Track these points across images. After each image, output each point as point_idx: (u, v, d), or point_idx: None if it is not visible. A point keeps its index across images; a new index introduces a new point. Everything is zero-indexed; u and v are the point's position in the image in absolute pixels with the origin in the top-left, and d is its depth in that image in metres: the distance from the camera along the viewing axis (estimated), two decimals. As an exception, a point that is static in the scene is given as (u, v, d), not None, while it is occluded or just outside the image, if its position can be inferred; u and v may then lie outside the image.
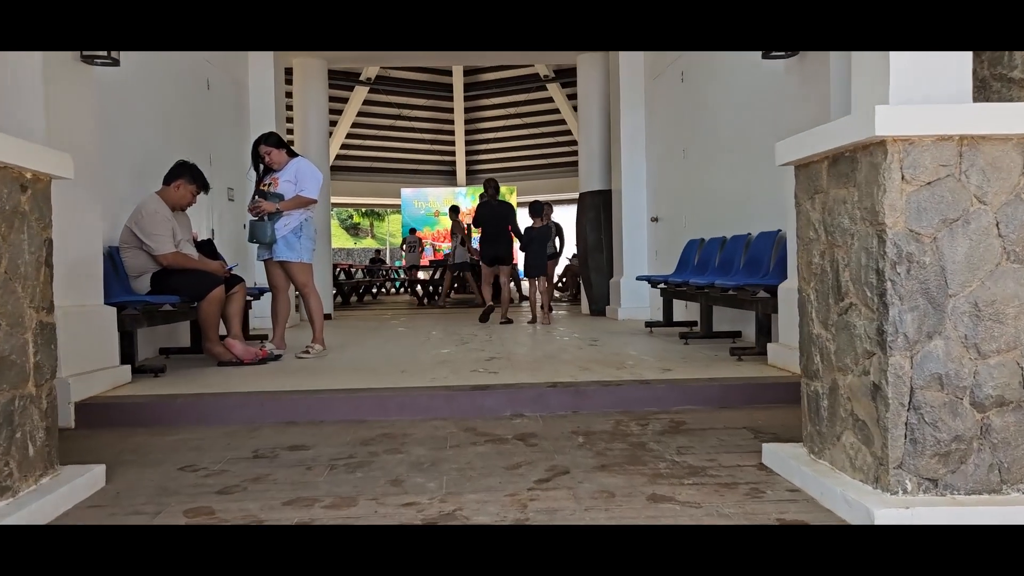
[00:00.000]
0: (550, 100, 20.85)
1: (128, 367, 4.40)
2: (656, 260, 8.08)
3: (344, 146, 21.92)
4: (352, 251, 38.29)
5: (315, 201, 5.51)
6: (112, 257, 4.90)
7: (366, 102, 21.05)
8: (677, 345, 5.66)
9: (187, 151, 6.52)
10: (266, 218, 5.34)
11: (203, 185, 5.17)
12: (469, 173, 23.54)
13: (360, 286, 14.59)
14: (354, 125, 21.47)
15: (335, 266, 13.73)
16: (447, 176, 23.61)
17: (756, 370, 4.33)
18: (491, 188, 8.45)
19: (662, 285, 6.45)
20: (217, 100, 7.30)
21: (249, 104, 8.27)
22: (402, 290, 21.19)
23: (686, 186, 7.14)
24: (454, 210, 14.15)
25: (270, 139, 5.57)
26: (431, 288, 13.67)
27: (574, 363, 4.80)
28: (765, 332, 4.64)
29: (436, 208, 23.20)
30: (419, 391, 3.95)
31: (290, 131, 10.19)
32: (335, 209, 37.93)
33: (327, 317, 9.42)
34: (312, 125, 9.70)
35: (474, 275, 12.86)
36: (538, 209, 8.37)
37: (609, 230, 8.94)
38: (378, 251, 21.71)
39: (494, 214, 8.29)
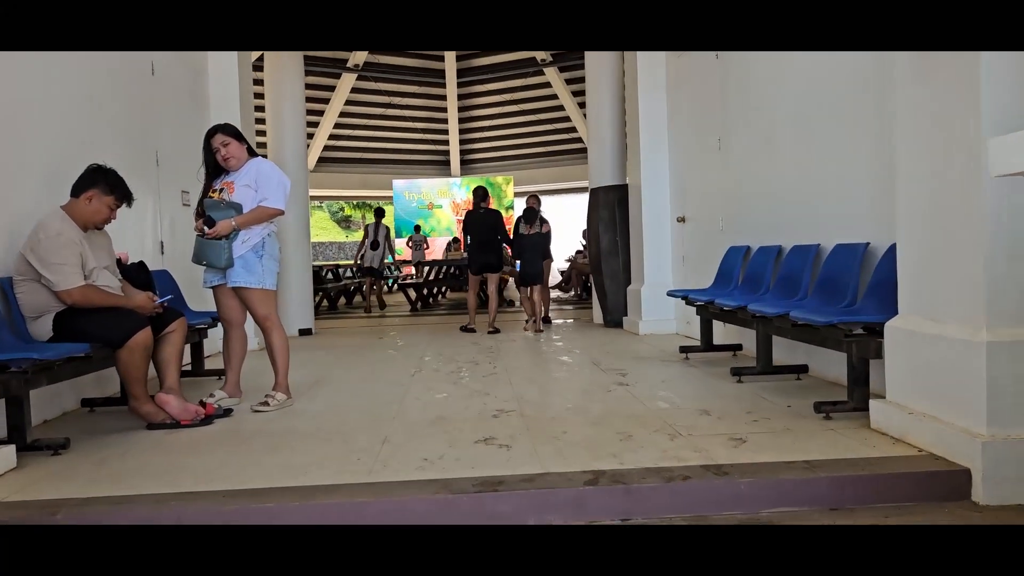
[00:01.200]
0: (548, 85, 19.60)
1: (13, 447, 3.23)
2: (684, 267, 6.91)
3: (332, 136, 20.69)
4: (344, 244, 37.04)
5: (280, 213, 4.29)
6: (5, 292, 3.72)
7: (354, 90, 19.79)
8: (728, 383, 4.50)
9: (123, 150, 5.31)
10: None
11: (123, 196, 3.97)
12: (464, 163, 22.32)
13: (349, 287, 13.38)
14: (342, 114, 20.22)
15: (321, 268, 12.53)
16: (441, 166, 22.38)
17: (860, 440, 3.17)
18: (478, 196, 8.19)
19: (701, 304, 5.27)
20: (165, 88, 6.07)
21: (208, 93, 7.05)
22: (395, 286, 20.01)
23: (723, 182, 5.96)
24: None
25: (227, 129, 4.37)
26: (425, 291, 12.47)
27: (608, 421, 3.63)
28: (862, 382, 3.48)
29: (430, 200, 21.99)
30: (406, 489, 2.79)
31: (261, 123, 8.97)
32: (325, 202, 36.74)
33: (306, 332, 8.25)
34: (287, 119, 8.47)
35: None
36: (532, 216, 8.14)
37: (626, 231, 7.76)
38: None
39: (482, 222, 8.10)
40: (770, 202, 5.18)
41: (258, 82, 9.13)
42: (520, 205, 24.87)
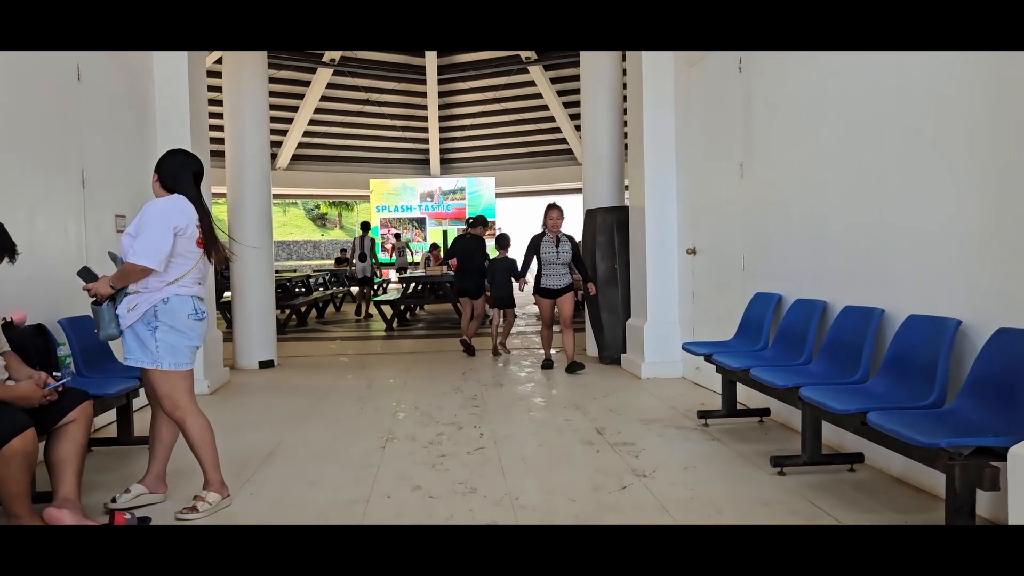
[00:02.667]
0: (532, 84, 18.66)
1: None
2: (693, 305, 6.04)
3: (307, 133, 19.64)
4: (319, 243, 35.82)
5: (145, 272, 3.17)
6: None
7: (330, 85, 18.75)
8: (766, 475, 3.64)
9: (36, 171, 4.36)
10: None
11: (3, 248, 3.03)
12: (444, 162, 21.35)
13: (319, 303, 12.39)
14: (318, 111, 19.17)
15: (289, 282, 11.55)
16: (420, 165, 21.39)
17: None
18: (469, 223, 8.63)
19: (729, 368, 4.36)
20: (94, 95, 5.06)
21: (154, 99, 6.06)
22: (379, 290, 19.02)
23: (746, 215, 5.10)
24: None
25: (160, 161, 3.43)
26: (403, 308, 11.51)
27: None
28: (967, 512, 2.64)
29: (408, 201, 20.99)
30: None
31: (219, 129, 7.98)
32: (300, 201, 35.44)
33: (267, 365, 7.31)
34: (249, 120, 7.48)
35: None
36: (504, 242, 8.48)
37: (626, 259, 6.88)
38: (345, 250, 19.44)
39: (465, 248, 8.48)
40: (812, 245, 4.31)
41: (214, 75, 8.15)
42: (503, 207, 23.97)
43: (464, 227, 9.33)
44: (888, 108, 3.58)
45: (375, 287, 13.99)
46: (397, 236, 18.34)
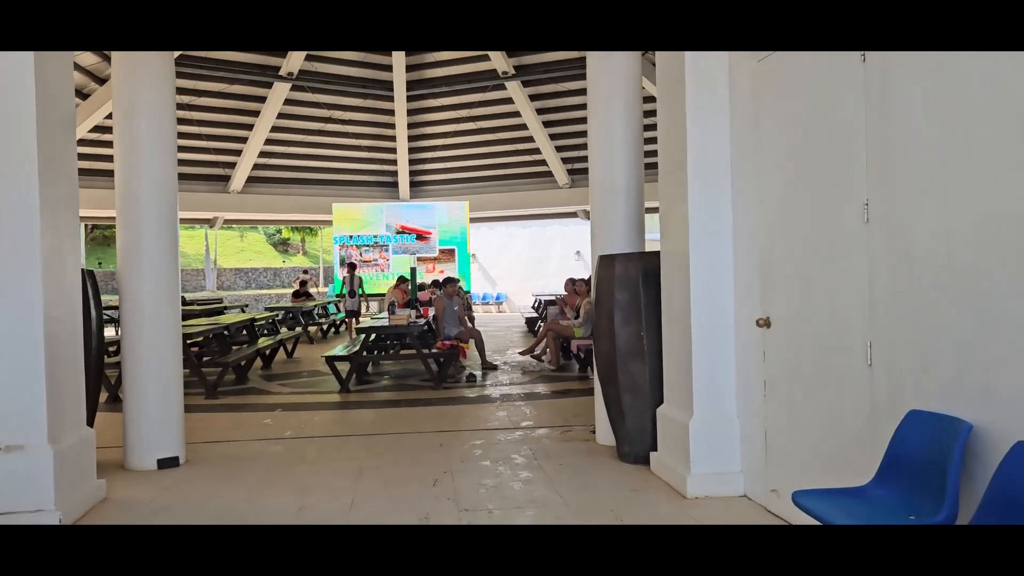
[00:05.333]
0: (509, 101, 16.81)
1: None
2: (765, 401, 4.12)
3: (264, 153, 17.56)
4: (280, 271, 33.28)
5: None
6: None
7: (288, 101, 16.72)
8: None
9: None
10: None
11: None
12: (414, 185, 19.36)
13: (264, 352, 10.28)
14: (275, 129, 17.11)
15: (228, 331, 9.45)
16: (388, 188, 19.40)
17: None
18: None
19: None
20: None
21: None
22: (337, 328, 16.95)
23: (877, 275, 3.19)
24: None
25: None
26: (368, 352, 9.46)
27: None
28: None
29: (372, 226, 18.97)
30: None
31: (107, 144, 5.91)
32: (258, 227, 33.04)
33: (169, 464, 5.27)
34: (146, 140, 5.37)
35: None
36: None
37: (656, 323, 4.96)
38: (303, 283, 17.30)
39: None
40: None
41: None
42: (476, 234, 22.01)
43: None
44: None
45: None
46: (351, 267, 16.09)
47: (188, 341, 8.40)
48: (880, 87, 3.14)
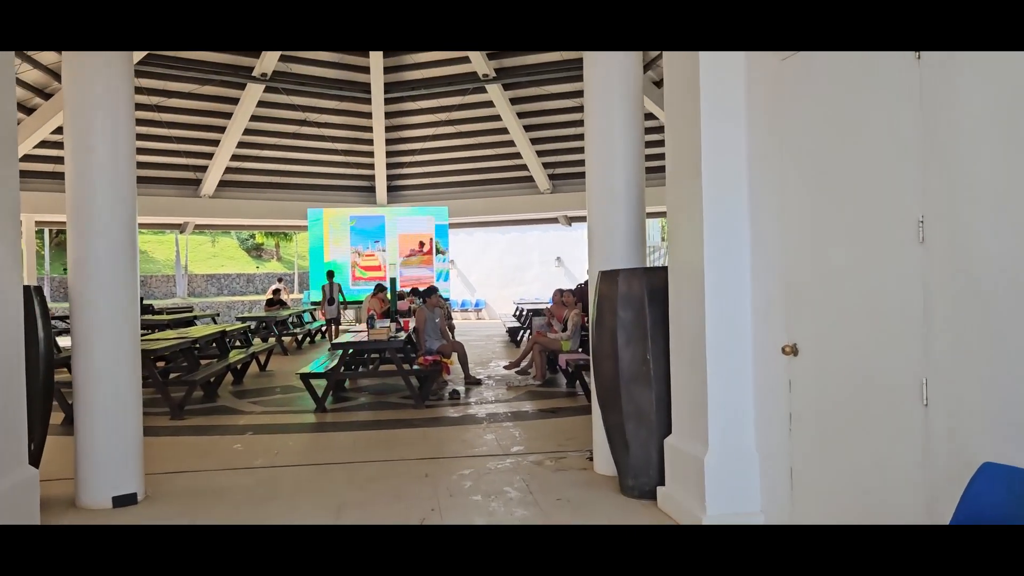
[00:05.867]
0: (490, 104, 16.40)
1: None
2: (790, 436, 3.70)
3: (236, 157, 16.96)
4: (253, 277, 32.31)
5: None
6: None
7: (262, 103, 16.17)
8: None
9: None
10: None
11: None
12: (391, 190, 18.86)
13: (236, 366, 9.72)
14: (247, 131, 16.53)
15: (196, 345, 8.89)
16: (365, 193, 18.88)
17: None
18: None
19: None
20: None
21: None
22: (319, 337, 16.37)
23: (935, 305, 2.78)
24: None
25: None
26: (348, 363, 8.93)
27: None
28: None
29: (345, 235, 18.41)
30: None
31: (56, 145, 5.34)
32: (231, 232, 31.92)
33: (126, 501, 4.73)
34: (99, 135, 4.84)
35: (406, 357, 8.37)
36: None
37: (663, 345, 4.53)
38: (277, 291, 16.65)
39: None
40: None
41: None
42: (455, 239, 21.50)
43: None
44: None
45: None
46: (330, 275, 15.66)
47: (153, 357, 7.86)
48: (939, 89, 2.73)
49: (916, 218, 2.84)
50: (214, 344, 9.90)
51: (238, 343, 12.21)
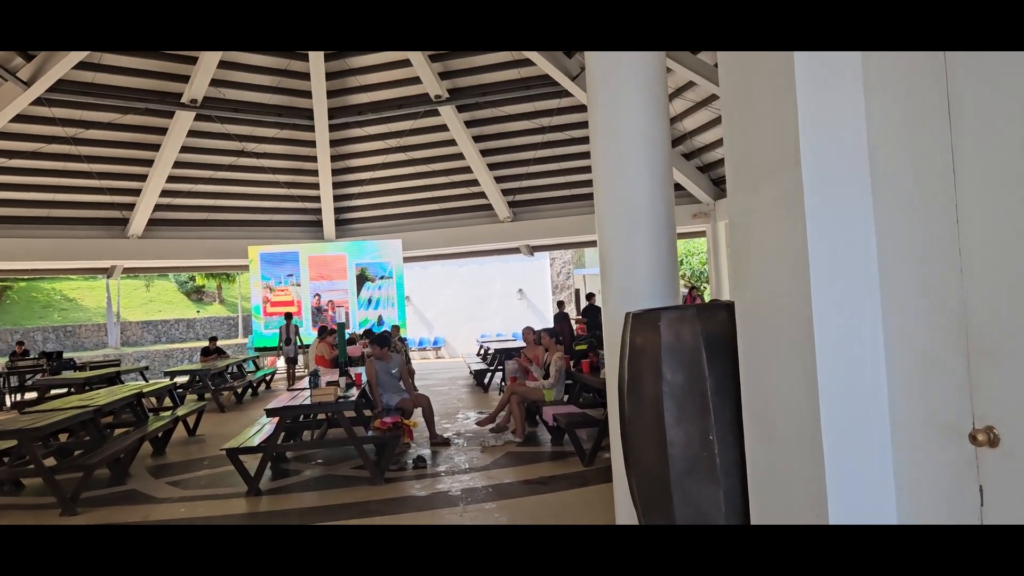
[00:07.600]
0: (444, 128, 15.00)
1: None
2: None
3: (166, 192, 15.18)
4: (194, 322, 29.89)
5: None
6: None
7: (193, 133, 14.48)
8: None
9: None
10: None
11: None
12: (340, 223, 17.24)
13: (157, 434, 7.95)
14: (178, 164, 14.79)
15: (113, 412, 7.14)
16: (311, 228, 17.22)
17: None
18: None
19: None
20: None
21: None
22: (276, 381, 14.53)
23: None
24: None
25: None
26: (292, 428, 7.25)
27: None
28: None
29: (289, 274, 16.70)
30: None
31: None
32: (168, 274, 29.45)
33: None
34: None
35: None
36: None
37: (735, 420, 3.09)
38: (213, 338, 14.73)
39: None
40: None
41: None
42: (410, 273, 19.92)
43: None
44: None
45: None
46: (288, 316, 14.17)
47: (46, 433, 6.15)
48: None
49: None
50: (129, 410, 8.14)
51: (168, 402, 10.43)
